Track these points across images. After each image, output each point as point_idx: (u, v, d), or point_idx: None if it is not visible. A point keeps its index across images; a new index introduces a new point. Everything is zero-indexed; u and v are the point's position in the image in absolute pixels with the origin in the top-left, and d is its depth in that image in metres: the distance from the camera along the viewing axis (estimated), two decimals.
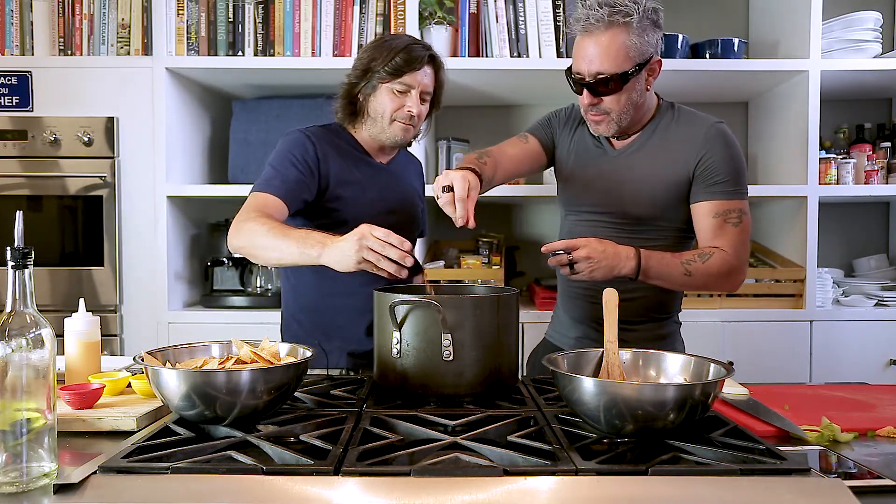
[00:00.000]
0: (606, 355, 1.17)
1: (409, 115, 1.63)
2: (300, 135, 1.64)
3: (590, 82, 1.46)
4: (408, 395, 1.20)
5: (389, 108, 1.63)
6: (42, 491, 0.85)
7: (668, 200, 1.53)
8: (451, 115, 3.01)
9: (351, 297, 1.66)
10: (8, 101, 2.37)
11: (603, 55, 1.42)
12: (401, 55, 1.61)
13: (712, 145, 1.50)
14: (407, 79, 1.62)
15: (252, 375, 1.01)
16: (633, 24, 1.41)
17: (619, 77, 1.43)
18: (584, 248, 1.40)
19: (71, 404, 1.15)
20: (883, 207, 2.98)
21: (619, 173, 1.57)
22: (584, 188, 1.64)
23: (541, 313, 2.41)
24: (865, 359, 2.42)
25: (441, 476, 0.84)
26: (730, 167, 1.49)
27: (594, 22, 1.42)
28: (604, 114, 1.50)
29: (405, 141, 1.70)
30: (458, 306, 1.18)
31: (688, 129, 1.54)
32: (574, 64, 1.49)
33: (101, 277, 2.38)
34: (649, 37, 1.44)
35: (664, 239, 1.56)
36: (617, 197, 1.57)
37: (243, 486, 0.83)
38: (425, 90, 1.66)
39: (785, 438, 1.08)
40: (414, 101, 1.64)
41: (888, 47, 2.82)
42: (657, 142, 1.56)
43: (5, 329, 0.87)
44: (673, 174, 1.52)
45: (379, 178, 1.71)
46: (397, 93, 1.63)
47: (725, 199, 1.49)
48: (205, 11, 2.42)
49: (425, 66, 1.64)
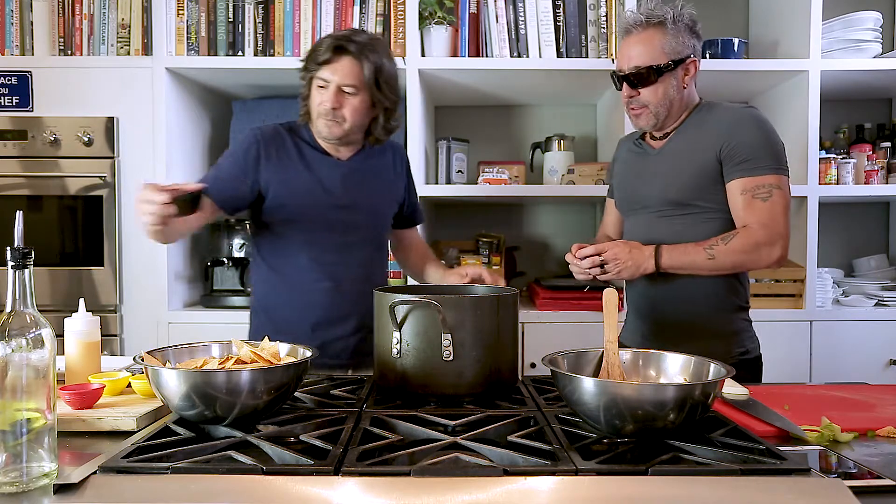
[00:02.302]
0: (606, 355, 1.17)
1: (325, 109, 1.61)
2: (251, 133, 1.69)
3: (628, 74, 1.62)
4: (408, 395, 1.20)
5: (316, 103, 1.63)
6: (42, 491, 0.85)
7: (702, 184, 1.60)
8: (451, 115, 3.01)
9: (296, 293, 1.67)
10: (8, 101, 2.37)
11: (641, 51, 1.60)
12: (319, 48, 1.60)
13: (738, 127, 1.57)
14: (323, 73, 1.60)
15: (252, 375, 1.01)
16: (667, 26, 1.59)
17: (654, 70, 1.59)
18: (611, 250, 1.57)
19: (71, 404, 1.15)
20: (883, 207, 2.98)
21: (657, 169, 1.69)
22: (631, 189, 1.76)
23: (541, 313, 2.41)
24: (865, 359, 2.42)
25: (441, 476, 0.84)
26: (757, 145, 1.55)
27: (633, 24, 1.62)
28: (642, 107, 1.64)
29: (332, 136, 1.65)
30: (458, 306, 1.18)
31: (718, 117, 1.62)
32: (617, 64, 1.67)
33: (101, 277, 2.38)
34: (685, 39, 1.61)
35: (711, 222, 1.61)
36: (657, 189, 1.66)
37: (243, 486, 0.83)
38: (344, 84, 1.60)
39: (785, 438, 1.08)
40: (329, 96, 1.60)
41: (888, 47, 2.82)
42: (690, 134, 1.65)
43: (5, 329, 0.87)
44: (702, 159, 1.60)
45: (333, 174, 1.68)
46: (318, 88, 1.62)
47: (753, 175, 1.55)
48: (205, 11, 2.42)
49: (342, 58, 1.59)
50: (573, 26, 2.44)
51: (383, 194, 1.78)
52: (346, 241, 1.69)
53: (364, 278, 1.70)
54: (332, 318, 1.68)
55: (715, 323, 1.63)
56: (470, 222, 2.97)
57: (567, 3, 2.43)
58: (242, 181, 1.64)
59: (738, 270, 1.60)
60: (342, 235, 1.69)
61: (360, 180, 1.72)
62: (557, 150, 2.71)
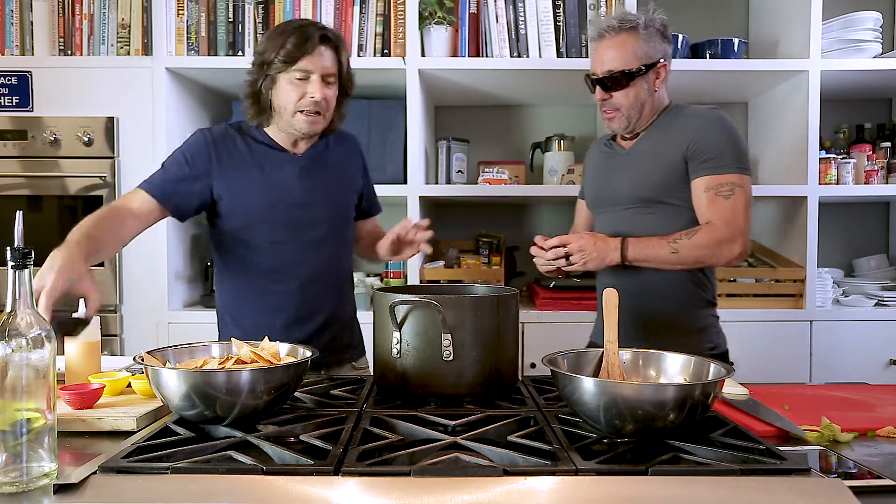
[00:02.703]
0: (606, 355, 1.17)
1: (313, 101, 1.55)
2: (200, 135, 1.63)
3: (601, 78, 1.65)
4: (408, 395, 1.20)
5: (292, 99, 1.55)
6: (42, 491, 0.85)
7: (670, 182, 1.64)
8: (451, 115, 3.01)
9: (261, 297, 1.64)
10: (8, 101, 2.37)
11: (613, 55, 1.63)
12: (291, 40, 1.52)
13: (703, 127, 1.61)
14: (303, 64, 1.53)
15: (252, 375, 1.01)
16: (639, 31, 1.62)
17: (626, 74, 1.62)
18: (575, 241, 1.60)
19: (71, 404, 1.15)
20: (883, 207, 2.98)
21: (627, 168, 1.72)
22: (603, 187, 1.79)
23: (541, 313, 2.41)
24: (865, 359, 2.42)
25: (441, 476, 0.84)
26: (721, 145, 1.59)
27: (607, 28, 1.64)
28: (615, 109, 1.67)
29: (314, 131, 1.61)
30: (458, 306, 1.18)
31: (685, 119, 1.66)
32: (591, 67, 1.70)
33: (101, 277, 2.38)
34: (656, 44, 1.64)
35: (678, 219, 1.64)
36: (626, 187, 1.70)
37: (243, 486, 0.83)
38: (326, 72, 1.56)
39: (785, 438, 1.08)
40: (315, 87, 1.54)
41: (888, 47, 2.82)
42: (659, 135, 1.69)
43: (5, 329, 0.87)
44: (670, 159, 1.64)
45: (289, 171, 1.64)
46: (297, 81, 1.54)
47: (716, 173, 1.58)
48: (205, 11, 2.42)
49: (320, 46, 1.54)
50: (573, 26, 2.44)
51: (342, 187, 1.73)
52: (308, 239, 1.64)
53: (329, 274, 1.68)
54: (301, 317, 1.64)
55: (685, 319, 1.66)
56: (470, 222, 2.97)
57: (567, 3, 2.43)
58: (195, 183, 1.59)
59: (700, 265, 1.62)
60: (304, 233, 1.64)
61: (317, 174, 1.67)
62: (557, 150, 2.71)
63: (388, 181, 2.49)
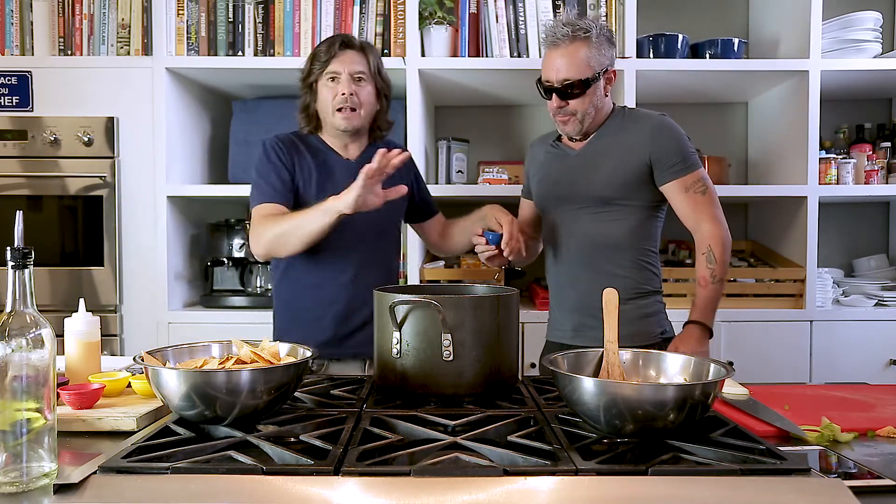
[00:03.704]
0: (606, 355, 1.17)
1: (343, 97, 1.70)
2: (271, 142, 1.79)
3: (558, 87, 1.69)
4: (408, 395, 1.20)
5: (328, 100, 1.73)
6: (42, 491, 0.85)
7: (629, 183, 1.72)
8: (451, 115, 3.01)
9: (319, 289, 1.77)
10: (8, 101, 2.37)
11: (569, 64, 1.67)
12: (321, 48, 1.74)
13: (659, 137, 1.71)
14: (332, 66, 1.71)
15: (252, 375, 1.01)
16: (591, 40, 1.67)
17: (583, 83, 1.67)
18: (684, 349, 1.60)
19: (71, 404, 1.15)
20: (883, 207, 2.98)
21: (581, 169, 1.77)
22: (552, 188, 1.83)
23: (541, 313, 2.41)
24: (865, 359, 2.42)
25: (441, 476, 0.84)
26: (678, 149, 1.71)
27: (560, 37, 1.67)
28: (570, 115, 1.72)
29: (350, 127, 1.75)
30: (458, 306, 1.18)
31: (636, 125, 1.75)
32: (543, 74, 1.73)
33: (101, 277, 2.38)
34: (606, 51, 1.71)
35: (631, 217, 1.74)
36: (583, 187, 1.75)
37: (243, 486, 0.83)
38: (355, 72, 1.72)
39: (785, 438, 1.08)
40: (345, 84, 1.71)
41: (888, 47, 2.82)
42: (611, 138, 1.76)
43: (5, 329, 0.87)
44: (629, 162, 1.72)
45: (344, 173, 1.74)
46: (330, 84, 1.73)
47: (684, 175, 1.70)
48: (205, 11, 2.42)
49: (347, 49, 1.73)
50: None
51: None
52: (361, 237, 1.76)
53: (379, 269, 1.81)
54: (353, 309, 1.76)
55: (638, 305, 1.74)
56: None
57: (567, 3, 2.43)
58: (291, 182, 1.74)
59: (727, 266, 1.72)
60: (357, 231, 1.75)
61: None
62: None
63: None
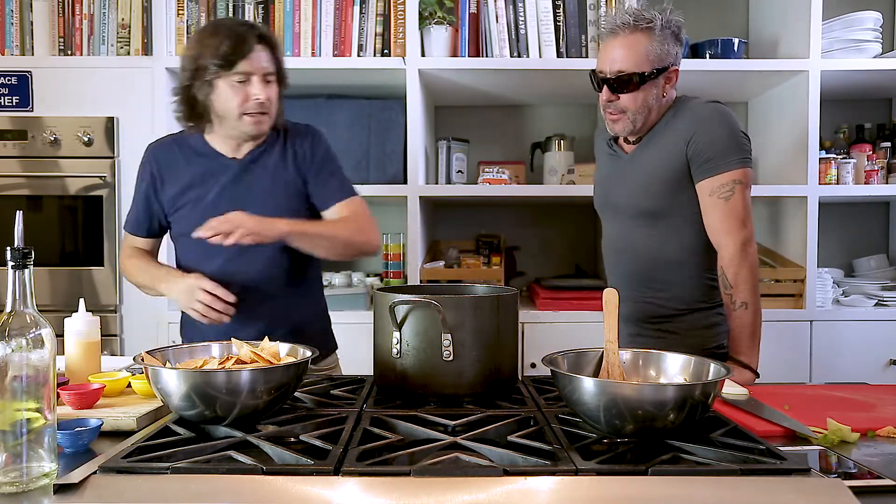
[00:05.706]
0: (606, 355, 1.17)
1: (258, 102, 1.52)
2: (146, 153, 1.67)
3: (610, 79, 1.57)
4: (408, 395, 1.20)
5: (235, 103, 1.52)
6: (42, 491, 0.85)
7: (672, 190, 1.59)
8: (451, 115, 3.01)
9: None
10: (8, 101, 2.37)
11: (625, 55, 1.55)
12: (226, 43, 1.49)
13: (700, 125, 1.56)
14: (242, 66, 1.50)
15: (252, 375, 1.01)
16: (655, 32, 1.54)
17: (638, 77, 1.55)
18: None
19: (71, 404, 1.15)
20: (883, 207, 2.98)
21: (630, 174, 1.66)
22: (607, 193, 1.74)
23: (541, 313, 2.41)
24: (865, 359, 2.42)
25: (441, 476, 0.84)
26: (718, 141, 1.54)
27: (621, 25, 1.55)
28: (620, 112, 1.60)
29: (262, 132, 1.58)
30: (458, 306, 1.18)
31: (680, 119, 1.61)
32: (598, 64, 1.61)
33: (101, 277, 2.38)
34: (670, 46, 1.57)
35: (682, 234, 1.61)
36: (632, 196, 1.65)
37: (243, 486, 0.83)
38: (266, 72, 1.53)
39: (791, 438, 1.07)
40: (258, 88, 1.51)
41: (888, 47, 2.82)
42: (658, 137, 1.63)
43: (5, 329, 0.87)
44: (669, 164, 1.59)
45: (227, 173, 1.60)
46: (237, 84, 1.51)
47: (716, 174, 1.54)
48: (205, 11, 2.42)
49: (257, 47, 1.51)
50: (573, 26, 2.44)
51: (277, 189, 1.62)
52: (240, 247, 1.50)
53: (265, 280, 1.60)
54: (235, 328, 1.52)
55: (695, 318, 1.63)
56: (470, 222, 2.97)
57: (567, 3, 2.43)
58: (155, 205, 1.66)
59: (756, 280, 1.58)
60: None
61: (257, 177, 1.61)
62: (557, 150, 2.70)
63: (388, 181, 2.49)
